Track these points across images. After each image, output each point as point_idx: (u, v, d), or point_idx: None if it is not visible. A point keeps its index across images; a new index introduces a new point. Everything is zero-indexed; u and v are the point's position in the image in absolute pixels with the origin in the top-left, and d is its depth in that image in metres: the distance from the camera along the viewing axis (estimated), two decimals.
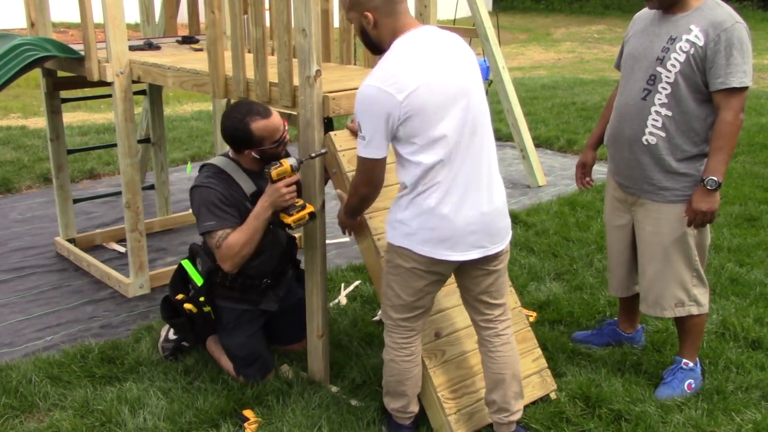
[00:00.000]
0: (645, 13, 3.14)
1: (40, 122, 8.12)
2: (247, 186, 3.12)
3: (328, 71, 3.40)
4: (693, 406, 3.08)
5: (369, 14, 2.48)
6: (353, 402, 3.10)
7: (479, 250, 2.60)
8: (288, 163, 2.93)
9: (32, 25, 4.29)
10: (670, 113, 2.96)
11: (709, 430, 2.95)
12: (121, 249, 4.81)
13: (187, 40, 4.71)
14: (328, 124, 3.01)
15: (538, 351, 3.23)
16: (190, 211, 5.40)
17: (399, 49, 2.46)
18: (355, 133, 3.04)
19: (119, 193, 4.32)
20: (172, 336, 3.46)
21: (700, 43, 2.85)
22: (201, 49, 4.38)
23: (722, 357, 3.45)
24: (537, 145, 7.11)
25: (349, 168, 2.95)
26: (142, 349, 3.49)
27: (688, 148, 2.99)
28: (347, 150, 2.97)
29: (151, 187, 5.22)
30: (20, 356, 3.51)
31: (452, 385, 2.93)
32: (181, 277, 3.33)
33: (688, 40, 2.87)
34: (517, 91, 6.59)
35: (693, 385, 3.20)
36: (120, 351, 3.49)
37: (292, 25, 2.91)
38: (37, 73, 4.46)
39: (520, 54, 15.73)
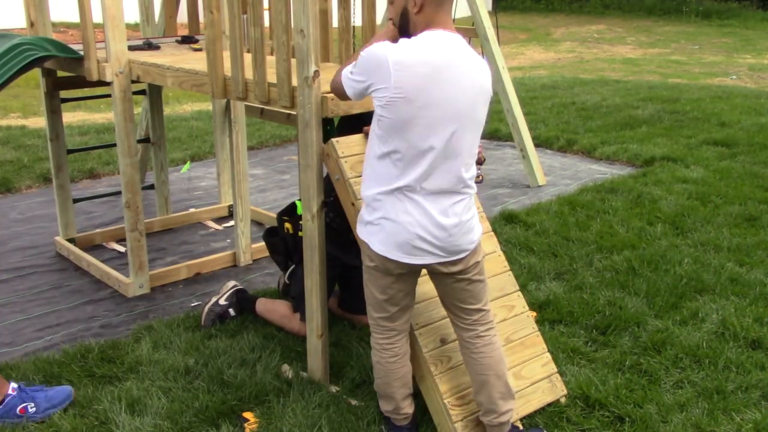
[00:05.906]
0: None
1: (39, 122, 8.12)
2: None
3: (326, 71, 3.39)
4: (693, 406, 3.08)
5: None
6: (353, 402, 3.10)
7: (433, 256, 2.58)
8: None
9: (32, 24, 4.29)
10: None
11: (709, 430, 2.95)
12: (121, 249, 4.81)
13: (187, 40, 4.70)
14: (330, 131, 3.00)
15: (547, 356, 3.20)
16: (191, 210, 5.47)
17: (424, 37, 2.47)
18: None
19: (119, 193, 4.32)
20: (223, 302, 3.71)
21: None
22: (200, 49, 4.38)
23: (722, 357, 3.45)
24: (537, 145, 7.10)
25: (352, 174, 2.92)
26: (142, 348, 3.49)
27: None
28: (350, 156, 2.94)
29: (151, 186, 5.22)
30: (20, 356, 3.51)
31: (459, 392, 2.90)
32: (289, 210, 3.61)
33: None
34: (517, 91, 6.59)
35: None
36: (120, 351, 3.49)
37: (291, 26, 2.91)
38: (36, 72, 4.45)
39: (519, 54, 15.73)
